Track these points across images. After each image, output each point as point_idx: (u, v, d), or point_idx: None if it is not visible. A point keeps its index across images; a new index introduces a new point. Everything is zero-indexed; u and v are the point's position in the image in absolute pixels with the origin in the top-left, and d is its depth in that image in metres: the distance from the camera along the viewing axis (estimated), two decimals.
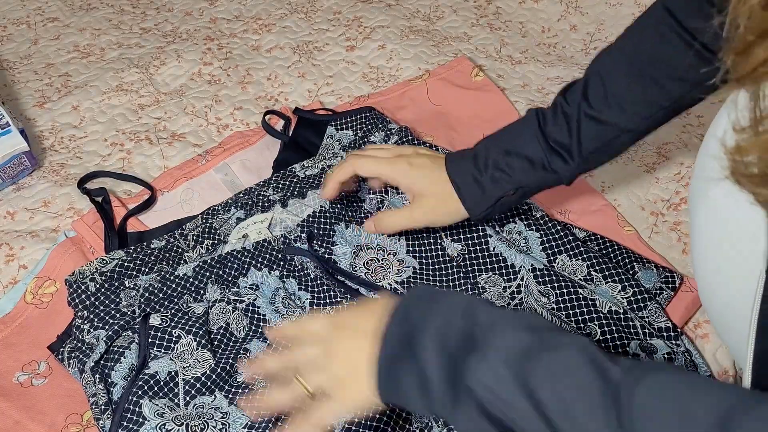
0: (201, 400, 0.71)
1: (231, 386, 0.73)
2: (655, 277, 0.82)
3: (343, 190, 0.83)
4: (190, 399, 0.71)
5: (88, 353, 0.74)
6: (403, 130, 0.95)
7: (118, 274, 0.81)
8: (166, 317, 0.76)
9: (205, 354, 0.74)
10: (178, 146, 1.01)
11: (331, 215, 0.85)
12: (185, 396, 0.71)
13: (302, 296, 0.80)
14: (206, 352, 0.74)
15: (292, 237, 0.83)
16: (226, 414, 0.70)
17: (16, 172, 0.94)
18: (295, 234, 0.83)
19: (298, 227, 0.84)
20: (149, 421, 0.68)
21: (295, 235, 0.83)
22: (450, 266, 0.83)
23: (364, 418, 0.63)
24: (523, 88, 1.10)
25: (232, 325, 0.77)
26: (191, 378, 0.72)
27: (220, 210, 0.88)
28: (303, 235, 0.83)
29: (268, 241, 0.82)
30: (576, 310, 0.78)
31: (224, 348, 0.76)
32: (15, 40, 1.19)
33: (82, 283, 0.79)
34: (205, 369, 0.73)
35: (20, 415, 0.73)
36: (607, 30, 1.21)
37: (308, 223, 0.84)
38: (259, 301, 0.79)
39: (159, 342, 0.74)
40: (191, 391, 0.71)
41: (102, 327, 0.75)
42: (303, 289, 0.80)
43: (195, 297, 0.80)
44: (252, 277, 0.81)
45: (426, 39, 1.17)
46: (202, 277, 0.81)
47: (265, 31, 1.20)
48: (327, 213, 0.85)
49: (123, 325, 0.75)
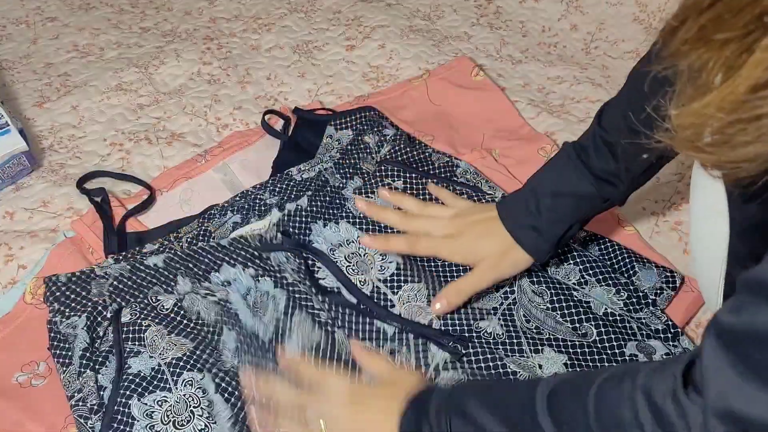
0: (189, 375, 0.71)
1: (219, 370, 0.72)
2: (655, 277, 0.82)
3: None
4: (177, 377, 0.70)
5: (70, 344, 0.75)
6: (398, 139, 0.94)
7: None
8: (136, 311, 0.76)
9: (180, 339, 0.74)
10: (178, 146, 1.01)
11: (307, 214, 0.84)
12: (173, 377, 0.70)
13: (277, 295, 0.78)
14: (180, 338, 0.74)
15: (268, 236, 0.82)
16: (211, 403, 0.69)
17: (15, 172, 0.94)
18: (271, 234, 0.82)
19: (274, 226, 0.83)
20: (138, 421, 0.68)
21: (271, 235, 0.82)
22: (437, 264, 0.82)
23: None
24: (523, 88, 1.09)
25: (203, 312, 0.77)
26: (172, 359, 0.72)
27: (216, 214, 0.88)
28: (279, 234, 0.82)
29: (245, 238, 0.81)
30: (572, 310, 0.78)
31: (197, 334, 0.75)
32: (14, 39, 1.19)
33: (54, 275, 0.80)
34: (184, 351, 0.73)
35: (19, 415, 0.73)
36: (607, 30, 1.20)
37: (283, 221, 0.83)
38: (231, 296, 0.78)
39: (132, 336, 0.74)
40: (176, 370, 0.71)
41: (75, 315, 0.76)
42: (279, 287, 0.78)
43: (165, 288, 0.79)
44: (225, 273, 0.80)
45: (426, 38, 1.17)
46: (173, 268, 0.81)
47: (265, 30, 1.20)
48: (303, 212, 0.84)
49: (95, 314, 0.76)
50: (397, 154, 0.93)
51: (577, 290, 0.80)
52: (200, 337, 0.75)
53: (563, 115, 1.05)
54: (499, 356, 0.74)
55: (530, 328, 0.77)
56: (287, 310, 0.77)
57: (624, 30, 1.20)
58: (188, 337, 0.74)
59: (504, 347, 0.75)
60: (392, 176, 0.90)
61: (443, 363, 0.74)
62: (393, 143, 0.94)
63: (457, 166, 0.93)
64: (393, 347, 0.75)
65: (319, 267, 0.81)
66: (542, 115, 1.04)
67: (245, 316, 0.77)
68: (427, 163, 0.93)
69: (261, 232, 0.83)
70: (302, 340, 0.76)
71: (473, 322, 0.78)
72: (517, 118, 1.03)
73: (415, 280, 0.80)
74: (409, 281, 0.80)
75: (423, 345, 0.75)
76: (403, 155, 0.93)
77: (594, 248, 0.86)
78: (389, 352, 0.75)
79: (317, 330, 0.76)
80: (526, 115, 1.04)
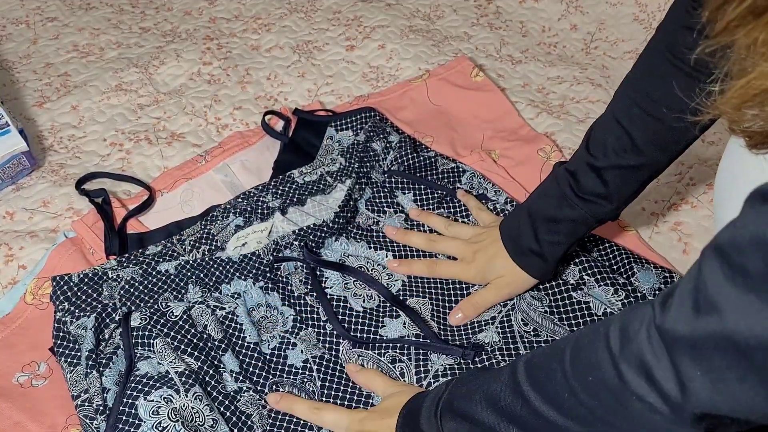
0: (198, 390, 0.71)
1: (219, 393, 0.73)
2: (654, 278, 0.82)
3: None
4: (189, 387, 0.71)
5: (78, 345, 0.75)
6: (403, 145, 0.95)
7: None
8: (146, 316, 0.76)
9: (184, 357, 0.74)
10: (178, 146, 1.01)
11: (329, 230, 0.85)
12: (183, 386, 0.71)
13: (285, 312, 0.80)
14: (185, 356, 0.74)
15: (283, 243, 0.83)
16: (215, 422, 0.70)
17: (15, 172, 0.94)
18: (287, 240, 0.83)
19: (293, 234, 0.84)
20: (145, 422, 0.68)
21: (287, 241, 0.83)
22: (440, 278, 0.84)
23: None
24: (523, 88, 1.09)
25: (210, 327, 0.77)
26: (183, 370, 0.72)
27: (218, 216, 0.88)
28: (295, 242, 0.83)
29: (257, 254, 0.82)
30: (570, 314, 0.79)
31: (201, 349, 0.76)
32: (14, 39, 1.19)
33: (65, 274, 0.80)
34: (192, 368, 0.73)
35: (20, 416, 0.73)
36: (607, 29, 1.21)
37: (304, 232, 0.84)
38: (239, 309, 0.79)
39: (142, 341, 0.74)
40: (187, 381, 0.71)
41: (85, 316, 0.76)
42: (286, 305, 0.81)
43: (175, 295, 0.80)
44: (235, 285, 0.81)
45: (426, 39, 1.17)
46: (183, 276, 0.81)
47: (265, 30, 1.20)
48: (325, 227, 0.85)
49: (104, 316, 0.76)
50: (402, 160, 0.93)
51: (576, 291, 0.80)
52: (203, 355, 0.75)
53: (563, 115, 1.05)
54: (497, 362, 0.75)
55: (528, 331, 0.78)
56: (293, 329, 0.79)
57: (624, 30, 1.20)
58: (192, 355, 0.74)
59: (501, 352, 0.76)
60: (402, 189, 0.91)
61: (442, 370, 0.75)
62: (398, 150, 0.94)
63: (463, 172, 0.93)
64: (395, 355, 0.77)
65: (327, 277, 0.82)
66: (542, 116, 1.04)
67: (250, 331, 0.78)
68: (433, 169, 0.94)
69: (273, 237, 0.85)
70: (306, 352, 0.77)
71: (472, 336, 0.79)
72: (517, 119, 1.03)
73: (420, 295, 0.82)
74: (415, 296, 0.82)
75: (423, 354, 0.77)
76: (408, 161, 0.93)
77: (593, 249, 0.86)
78: (391, 360, 0.76)
79: (321, 344, 0.78)
80: (525, 115, 1.05)
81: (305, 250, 0.83)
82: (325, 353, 0.77)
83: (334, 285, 0.82)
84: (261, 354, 0.77)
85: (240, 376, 0.74)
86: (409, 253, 0.87)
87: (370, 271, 0.84)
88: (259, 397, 0.74)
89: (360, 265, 0.84)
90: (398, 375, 0.75)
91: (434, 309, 0.81)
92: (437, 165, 0.94)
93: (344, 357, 0.77)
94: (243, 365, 0.76)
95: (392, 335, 0.78)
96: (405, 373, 0.75)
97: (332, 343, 0.78)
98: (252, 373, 0.76)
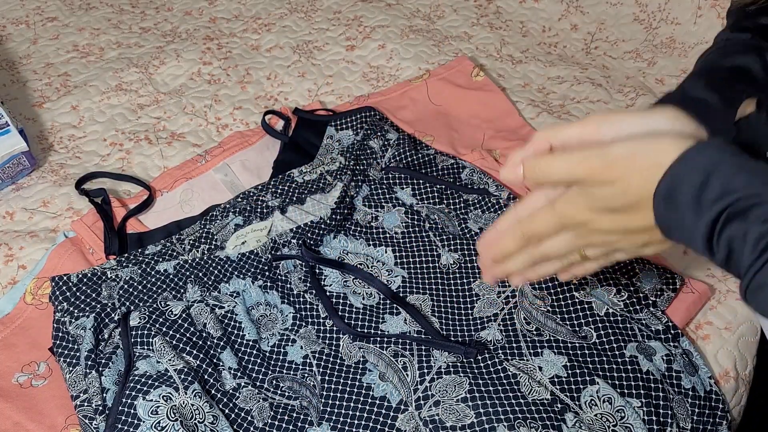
0: (197, 387, 0.71)
1: (218, 391, 0.73)
2: (655, 279, 0.82)
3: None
4: (188, 384, 0.71)
5: (77, 345, 0.75)
6: (401, 142, 0.94)
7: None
8: (145, 315, 0.76)
9: (183, 355, 0.74)
10: (178, 146, 1.01)
11: (326, 226, 0.85)
12: (183, 384, 0.71)
13: (285, 310, 0.80)
14: (184, 354, 0.74)
15: (281, 241, 0.83)
16: (215, 419, 0.70)
17: (15, 172, 0.94)
18: (286, 238, 0.83)
19: (290, 232, 0.84)
20: (144, 422, 0.68)
21: (285, 239, 0.83)
22: (441, 274, 0.84)
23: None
24: (523, 88, 1.09)
25: (209, 325, 0.77)
26: (183, 368, 0.72)
27: (218, 216, 0.88)
28: (293, 240, 0.83)
29: (255, 252, 0.82)
30: (572, 314, 0.78)
31: (201, 347, 0.76)
32: (14, 39, 1.19)
33: (64, 275, 0.80)
34: (191, 366, 0.73)
35: (20, 416, 0.73)
36: (607, 29, 1.20)
37: (302, 230, 0.84)
38: (238, 308, 0.79)
39: (141, 340, 0.74)
40: (186, 378, 0.71)
41: (83, 316, 0.76)
42: (286, 303, 0.80)
43: (174, 295, 0.80)
44: (234, 284, 0.81)
45: (426, 38, 1.17)
46: (182, 275, 0.81)
47: (265, 30, 1.20)
48: (322, 224, 0.85)
49: (103, 316, 0.76)
50: (401, 157, 0.93)
51: (579, 291, 0.80)
52: (202, 353, 0.75)
53: (563, 115, 1.05)
54: (499, 360, 0.74)
55: (530, 330, 0.78)
56: (293, 327, 0.79)
57: (624, 30, 1.20)
58: (191, 354, 0.74)
59: (504, 351, 0.76)
60: (400, 184, 0.91)
61: (445, 367, 0.74)
62: (396, 147, 0.94)
63: (463, 168, 0.93)
64: (397, 350, 0.76)
65: (326, 275, 0.82)
66: (542, 116, 1.04)
67: (249, 328, 0.78)
68: (432, 166, 0.93)
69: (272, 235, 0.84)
70: (306, 348, 0.77)
71: (475, 334, 0.78)
72: (518, 118, 1.03)
73: (420, 292, 0.82)
74: (415, 293, 0.82)
75: (426, 350, 0.76)
76: (407, 158, 0.93)
77: None
78: (393, 354, 0.75)
79: (321, 339, 0.78)
80: (526, 115, 1.04)
81: (303, 248, 0.83)
82: (325, 348, 0.77)
83: (333, 282, 0.82)
84: (260, 351, 0.77)
85: (239, 372, 0.74)
86: (409, 253, 0.86)
87: (369, 268, 0.84)
88: (258, 392, 0.74)
89: (359, 263, 0.84)
90: (401, 369, 0.75)
91: (435, 305, 0.81)
92: (436, 162, 0.94)
93: (344, 351, 0.77)
94: (242, 362, 0.76)
95: (393, 332, 0.78)
96: (408, 367, 0.75)
97: (332, 339, 0.78)
98: (251, 369, 0.75)
